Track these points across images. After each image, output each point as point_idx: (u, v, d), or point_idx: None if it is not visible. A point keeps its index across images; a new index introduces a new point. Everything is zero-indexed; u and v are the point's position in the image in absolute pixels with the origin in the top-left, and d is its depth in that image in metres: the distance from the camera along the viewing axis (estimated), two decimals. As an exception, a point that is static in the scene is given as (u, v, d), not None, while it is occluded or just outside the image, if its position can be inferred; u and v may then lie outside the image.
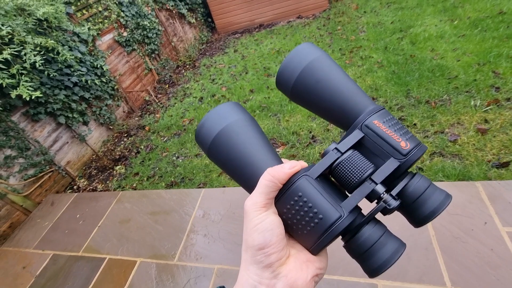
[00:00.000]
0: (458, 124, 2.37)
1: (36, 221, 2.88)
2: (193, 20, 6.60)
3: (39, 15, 2.50)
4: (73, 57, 3.05)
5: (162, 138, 3.73)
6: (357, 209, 0.34)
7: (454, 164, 2.06)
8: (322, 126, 2.89)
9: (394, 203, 0.33)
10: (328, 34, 5.07)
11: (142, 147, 3.69)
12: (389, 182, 0.35)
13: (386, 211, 0.33)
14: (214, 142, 0.37)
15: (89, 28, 3.72)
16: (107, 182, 3.34)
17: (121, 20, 4.47)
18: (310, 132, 2.86)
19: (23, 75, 2.34)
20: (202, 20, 7.11)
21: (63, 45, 2.98)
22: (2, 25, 2.20)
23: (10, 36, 2.25)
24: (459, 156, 2.12)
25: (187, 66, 5.84)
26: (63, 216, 2.83)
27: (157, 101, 4.79)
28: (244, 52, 5.52)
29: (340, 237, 0.34)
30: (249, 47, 5.73)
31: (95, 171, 3.58)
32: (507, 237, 1.50)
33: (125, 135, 4.08)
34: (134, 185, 3.08)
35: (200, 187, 2.73)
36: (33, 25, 2.55)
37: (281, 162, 0.37)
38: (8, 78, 2.19)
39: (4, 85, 2.19)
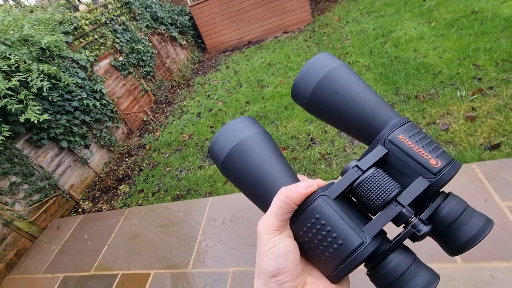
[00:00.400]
0: (447, 114, 2.51)
1: (42, 246, 2.85)
2: (184, 42, 6.85)
3: (43, 44, 2.63)
4: (74, 82, 3.16)
5: (163, 154, 3.79)
6: (381, 234, 0.31)
7: (449, 150, 2.17)
8: (319, 128, 3.00)
9: (424, 228, 0.30)
10: (315, 44, 5.32)
11: (144, 165, 3.73)
12: (418, 204, 0.31)
13: (415, 237, 0.30)
14: (228, 158, 0.36)
15: (86, 55, 3.86)
16: (112, 202, 3.35)
17: (117, 45, 4.64)
18: (309, 135, 2.96)
19: (31, 100, 2.42)
20: (193, 42, 7.38)
21: (64, 72, 3.10)
22: (9, 54, 2.31)
23: (16, 65, 2.35)
24: (452, 142, 2.23)
25: (182, 85, 6.00)
26: (70, 238, 2.81)
27: (155, 120, 4.88)
28: (236, 68, 5.72)
29: (364, 264, 0.31)
30: (240, 62, 5.95)
31: (98, 192, 3.59)
32: (507, 210, 1.58)
33: (126, 155, 4.13)
34: (140, 201, 3.10)
35: (206, 197, 2.77)
36: (36, 53, 2.67)
37: (297, 180, 0.35)
38: (16, 104, 2.27)
39: (13, 110, 2.27)
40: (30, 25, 2.62)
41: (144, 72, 5.23)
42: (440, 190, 0.32)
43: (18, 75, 2.33)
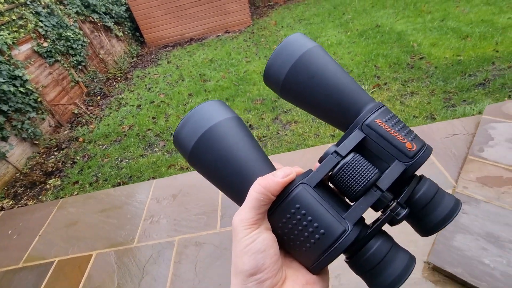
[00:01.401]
0: (356, 103, 3.14)
1: (-51, 249, 2.47)
2: (120, 34, 6.52)
3: None
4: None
5: (100, 146, 3.63)
6: (361, 220, 0.30)
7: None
8: (257, 116, 3.35)
9: (403, 212, 0.30)
10: (254, 44, 5.74)
11: (78, 157, 3.52)
12: (395, 188, 0.31)
13: (394, 221, 0.30)
14: (197, 146, 0.32)
15: (2, 36, 3.44)
16: (40, 197, 3.08)
17: (40, 30, 4.21)
18: (247, 122, 3.28)
19: None
20: (130, 34, 7.06)
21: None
22: None
23: None
24: (358, 124, 2.82)
25: (119, 78, 5.71)
26: (-12, 237, 2.51)
27: (88, 113, 4.57)
28: (178, 63, 5.75)
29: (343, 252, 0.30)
30: (182, 58, 5.99)
31: (21, 189, 3.24)
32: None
33: (55, 149, 3.80)
34: (76, 193, 2.95)
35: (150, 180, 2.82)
36: None
37: (274, 168, 0.33)
38: None
39: None
40: None
41: (75, 62, 4.84)
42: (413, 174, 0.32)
43: None
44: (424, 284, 1.36)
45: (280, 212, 0.30)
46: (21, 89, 3.52)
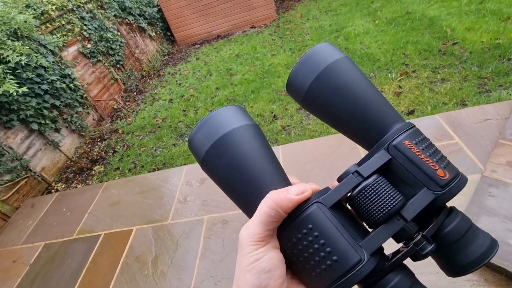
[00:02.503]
0: (381, 91, 3.09)
1: (18, 222, 2.92)
2: (153, 34, 6.93)
3: (16, 23, 2.68)
4: (46, 64, 3.23)
5: (137, 137, 3.97)
6: (380, 250, 0.28)
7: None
8: (282, 107, 3.44)
9: (429, 247, 0.27)
10: (279, 38, 5.80)
11: (119, 147, 3.88)
12: (421, 219, 0.29)
13: (417, 256, 0.28)
14: (211, 151, 0.32)
15: (55, 39, 3.89)
16: (87, 181, 3.47)
17: (84, 33, 4.66)
18: (272, 113, 3.39)
19: (8, 74, 2.50)
20: (162, 34, 7.47)
21: (35, 53, 3.16)
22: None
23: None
24: (383, 112, 2.80)
25: (152, 75, 6.11)
26: (47, 213, 2.91)
27: (126, 108, 4.98)
28: (206, 59, 6.00)
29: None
30: (210, 54, 6.23)
31: (72, 174, 3.67)
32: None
33: (98, 140, 4.21)
34: (117, 178, 3.28)
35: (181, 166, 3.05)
36: (7, 33, 2.72)
37: (288, 182, 0.31)
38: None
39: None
40: (2, 3, 2.67)
41: (114, 61, 5.28)
42: (443, 205, 0.30)
43: (-6, 51, 2.40)
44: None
45: (291, 231, 0.28)
46: (70, 85, 3.96)
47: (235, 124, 0.32)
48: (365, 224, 0.29)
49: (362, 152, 2.07)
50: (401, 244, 0.29)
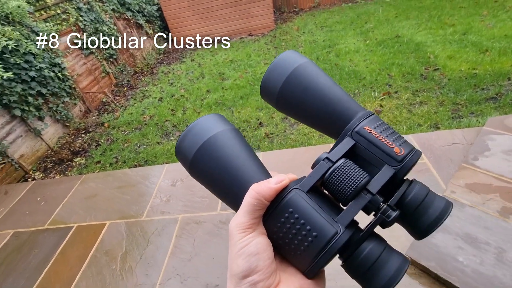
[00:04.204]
0: (364, 109, 3.22)
1: (-12, 209, 2.84)
2: (150, 31, 6.96)
3: (11, 5, 2.67)
4: (35, 50, 3.22)
5: (123, 132, 3.95)
6: (354, 223, 0.31)
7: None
8: (268, 114, 3.52)
9: (394, 214, 0.30)
10: (274, 48, 5.93)
11: (102, 140, 3.86)
12: (386, 192, 0.32)
13: (385, 223, 0.31)
14: (197, 155, 0.34)
15: (48, 27, 3.87)
16: (66, 172, 3.42)
17: (80, 24, 4.66)
18: (258, 120, 3.46)
19: (-6, 58, 2.48)
20: (159, 32, 7.50)
21: (26, 39, 3.14)
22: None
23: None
24: (363, 128, 2.91)
25: (145, 72, 6.11)
26: (20, 201, 2.86)
27: (115, 102, 4.96)
28: (201, 61, 6.06)
29: (338, 256, 0.31)
30: (205, 57, 6.30)
31: (51, 164, 3.62)
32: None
33: (83, 132, 4.17)
34: (97, 171, 3.26)
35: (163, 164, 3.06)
36: (-2, 17, 2.72)
37: (269, 176, 0.34)
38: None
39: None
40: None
41: (107, 54, 5.27)
42: (405, 178, 0.33)
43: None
44: (399, 274, 1.45)
45: (275, 217, 0.31)
46: (59, 74, 3.93)
47: (217, 129, 0.35)
48: (341, 205, 0.33)
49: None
50: (371, 217, 0.33)
